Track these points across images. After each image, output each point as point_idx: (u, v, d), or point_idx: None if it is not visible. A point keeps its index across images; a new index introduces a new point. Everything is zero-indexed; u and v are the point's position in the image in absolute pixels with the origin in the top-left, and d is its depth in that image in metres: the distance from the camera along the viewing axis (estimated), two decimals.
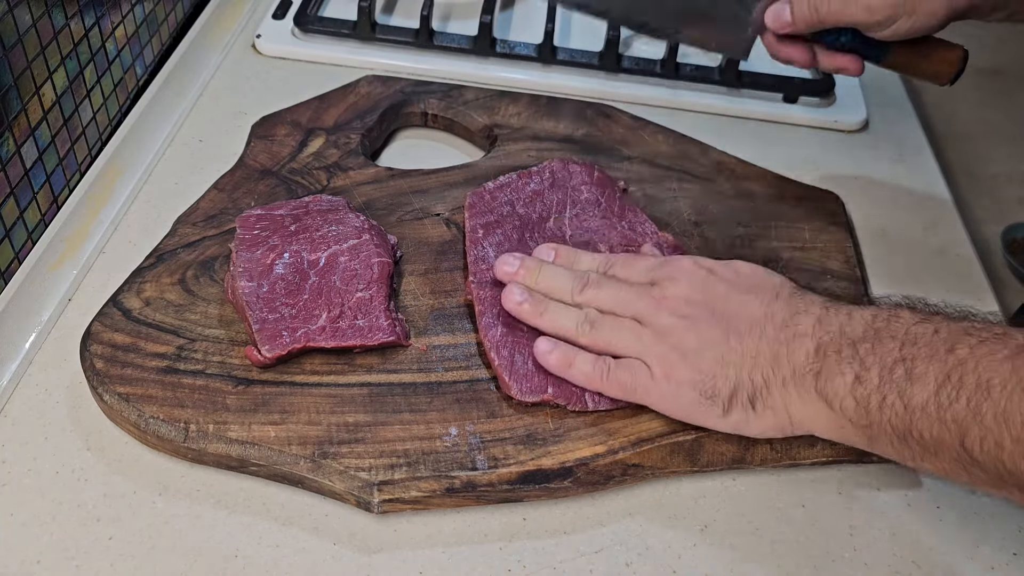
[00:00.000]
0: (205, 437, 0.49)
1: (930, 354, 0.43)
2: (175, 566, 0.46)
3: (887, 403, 0.44)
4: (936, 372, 0.42)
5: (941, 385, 0.42)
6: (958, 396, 0.41)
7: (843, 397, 0.45)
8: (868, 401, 0.44)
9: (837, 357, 0.46)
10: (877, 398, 0.44)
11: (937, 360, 0.43)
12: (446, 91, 0.74)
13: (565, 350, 0.51)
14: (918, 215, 0.71)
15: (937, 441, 0.42)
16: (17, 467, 0.50)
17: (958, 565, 0.49)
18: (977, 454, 0.41)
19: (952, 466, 0.43)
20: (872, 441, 0.46)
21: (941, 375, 0.42)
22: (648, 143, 0.71)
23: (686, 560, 0.48)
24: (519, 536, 0.49)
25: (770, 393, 0.48)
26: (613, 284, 0.53)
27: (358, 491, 0.47)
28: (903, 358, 0.44)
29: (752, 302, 0.50)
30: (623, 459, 0.50)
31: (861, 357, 0.45)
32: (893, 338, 0.45)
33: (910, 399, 0.43)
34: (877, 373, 0.44)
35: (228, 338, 0.53)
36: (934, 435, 0.42)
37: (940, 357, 0.43)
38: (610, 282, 0.53)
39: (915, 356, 0.43)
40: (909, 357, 0.43)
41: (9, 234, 0.57)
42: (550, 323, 0.52)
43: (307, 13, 0.83)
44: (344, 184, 0.65)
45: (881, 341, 0.45)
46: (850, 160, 0.76)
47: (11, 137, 0.56)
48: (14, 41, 0.55)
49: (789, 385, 0.47)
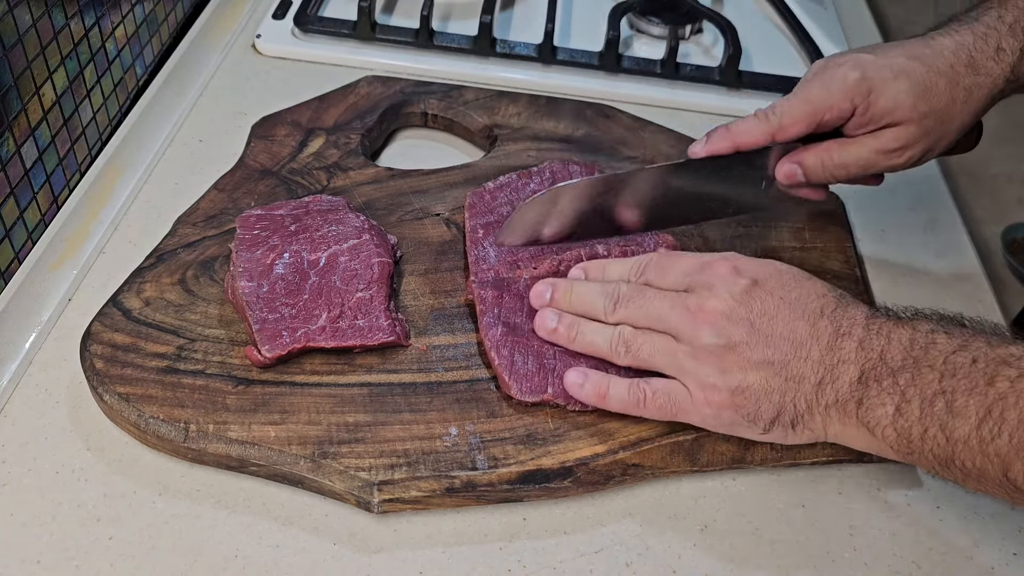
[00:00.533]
0: (205, 437, 0.49)
1: (970, 387, 0.43)
2: (175, 566, 0.46)
3: (928, 435, 0.44)
4: (977, 406, 0.42)
5: (983, 420, 0.42)
6: (1000, 432, 0.41)
7: (884, 427, 0.45)
8: (910, 432, 0.44)
9: (878, 387, 0.45)
10: (919, 429, 0.44)
11: (977, 394, 0.42)
12: (446, 91, 0.74)
13: (597, 380, 0.50)
14: (918, 215, 0.71)
15: (980, 471, 0.43)
16: (17, 467, 0.50)
17: (958, 565, 0.49)
18: (1021, 483, 0.41)
19: (996, 491, 0.43)
20: (914, 463, 0.46)
21: (982, 409, 0.42)
22: (648, 143, 0.71)
23: (686, 560, 0.48)
24: (519, 536, 0.48)
25: (812, 417, 0.47)
26: (646, 297, 0.51)
27: (358, 491, 0.47)
28: (943, 391, 0.43)
29: (797, 323, 0.48)
30: (623, 459, 0.50)
31: (902, 388, 0.45)
32: (932, 368, 0.44)
33: (952, 432, 0.43)
34: (918, 405, 0.44)
35: (228, 338, 0.53)
36: (977, 465, 0.43)
37: (980, 390, 0.42)
38: (642, 294, 0.51)
39: (955, 389, 0.43)
40: (949, 390, 0.43)
41: (9, 234, 0.57)
42: (584, 346, 0.52)
43: (307, 13, 0.83)
44: (344, 184, 0.65)
45: (920, 371, 0.45)
46: None
47: (11, 137, 0.56)
48: (14, 41, 0.55)
49: (831, 410, 0.47)
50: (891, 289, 0.63)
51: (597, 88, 0.80)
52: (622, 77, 0.81)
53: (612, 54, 0.80)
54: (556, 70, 0.81)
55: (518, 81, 0.80)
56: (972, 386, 0.43)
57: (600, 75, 0.81)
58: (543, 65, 0.81)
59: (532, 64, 0.81)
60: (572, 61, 0.81)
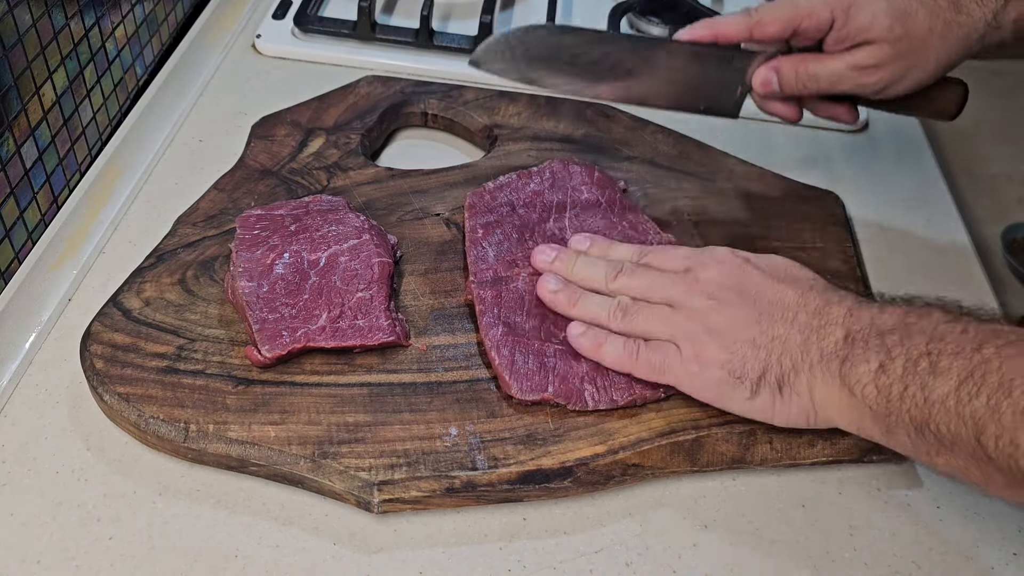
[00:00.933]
0: (205, 437, 0.49)
1: (956, 350, 0.43)
2: (175, 566, 0.46)
3: (908, 393, 0.44)
4: (960, 368, 0.43)
5: (963, 381, 0.42)
6: (979, 393, 0.41)
7: (865, 384, 0.46)
8: (890, 390, 0.45)
9: (864, 346, 0.46)
10: (899, 388, 0.44)
11: (963, 357, 0.43)
12: (446, 91, 0.74)
13: (596, 333, 0.52)
14: (918, 215, 0.71)
15: (954, 436, 0.42)
16: (17, 467, 0.50)
17: (958, 565, 0.49)
18: (992, 451, 0.41)
19: (966, 463, 0.43)
20: (889, 433, 0.46)
21: (964, 371, 0.42)
22: (648, 143, 0.71)
23: (686, 560, 0.48)
24: (519, 536, 0.49)
25: (797, 377, 0.48)
26: (647, 272, 0.54)
27: (358, 491, 0.47)
28: (929, 352, 0.44)
29: (786, 291, 0.50)
30: (623, 459, 0.50)
31: (888, 347, 0.45)
32: (922, 333, 0.45)
33: (931, 391, 0.43)
34: (902, 364, 0.45)
35: (228, 338, 0.53)
36: (951, 429, 0.42)
37: (966, 354, 0.43)
38: (644, 270, 0.54)
39: (941, 351, 0.44)
40: (935, 351, 0.44)
41: (9, 234, 0.57)
42: (583, 311, 0.53)
43: (307, 13, 0.83)
44: (344, 184, 0.65)
45: (910, 335, 0.45)
46: (850, 160, 0.76)
47: (11, 137, 0.56)
48: (14, 41, 0.55)
49: (816, 369, 0.47)
50: (891, 289, 0.63)
51: None
52: None
53: None
54: None
55: None
56: (958, 350, 0.43)
57: None
58: None
59: None
60: None
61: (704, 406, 0.51)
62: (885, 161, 0.76)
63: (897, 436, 0.46)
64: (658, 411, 0.51)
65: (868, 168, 0.75)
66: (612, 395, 0.51)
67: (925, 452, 0.45)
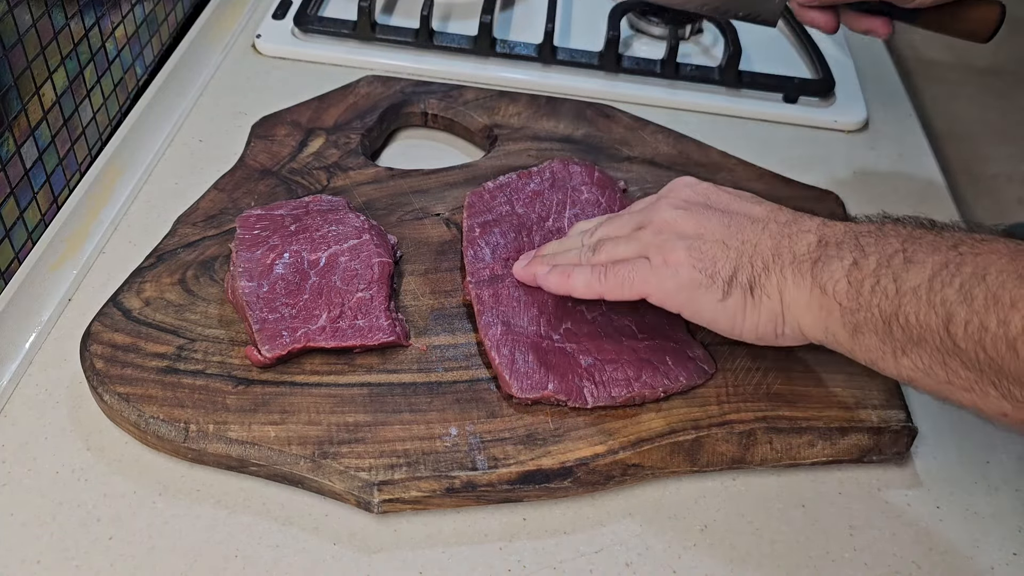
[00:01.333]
0: (205, 437, 0.49)
1: (932, 247, 0.43)
2: (175, 566, 0.46)
3: (880, 286, 0.43)
4: (934, 261, 0.42)
5: (937, 272, 0.42)
6: (951, 281, 0.41)
7: (837, 280, 0.45)
8: (861, 284, 0.44)
9: (837, 247, 0.46)
10: (871, 282, 0.44)
11: (938, 252, 0.43)
12: (446, 91, 0.74)
13: (562, 267, 0.52)
14: (918, 215, 0.71)
15: (922, 326, 0.42)
16: (17, 467, 0.50)
17: (958, 565, 0.49)
18: (960, 339, 0.40)
19: (931, 358, 0.42)
20: (856, 332, 0.45)
21: (939, 263, 0.42)
22: (648, 143, 0.71)
23: (686, 560, 0.48)
24: (519, 536, 0.49)
25: (768, 278, 0.47)
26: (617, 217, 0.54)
27: (358, 491, 0.47)
28: (903, 249, 0.44)
29: (754, 206, 0.51)
30: (623, 459, 0.50)
31: (862, 246, 0.45)
32: (898, 235, 0.45)
33: (903, 282, 0.43)
34: (875, 260, 0.44)
35: (228, 338, 0.53)
36: (920, 319, 0.42)
37: (941, 250, 0.43)
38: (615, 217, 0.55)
39: (916, 248, 0.43)
40: (910, 249, 0.44)
41: (9, 234, 0.57)
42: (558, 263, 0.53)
43: (307, 13, 0.83)
44: (344, 184, 0.65)
45: (885, 236, 0.45)
46: (850, 160, 0.76)
47: (11, 137, 0.56)
48: (14, 41, 0.55)
49: (787, 270, 0.47)
50: None
51: (597, 88, 0.80)
52: (622, 77, 0.81)
53: (612, 54, 0.80)
54: (556, 70, 0.81)
55: (518, 81, 0.80)
56: (934, 247, 0.43)
57: (600, 75, 0.81)
58: (543, 65, 0.81)
59: (532, 64, 0.81)
60: (572, 61, 0.81)
61: (704, 406, 0.51)
62: (885, 161, 0.76)
63: (864, 336, 0.45)
64: (658, 411, 0.51)
65: (868, 168, 0.75)
66: (611, 391, 0.51)
67: (891, 351, 0.44)
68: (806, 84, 0.80)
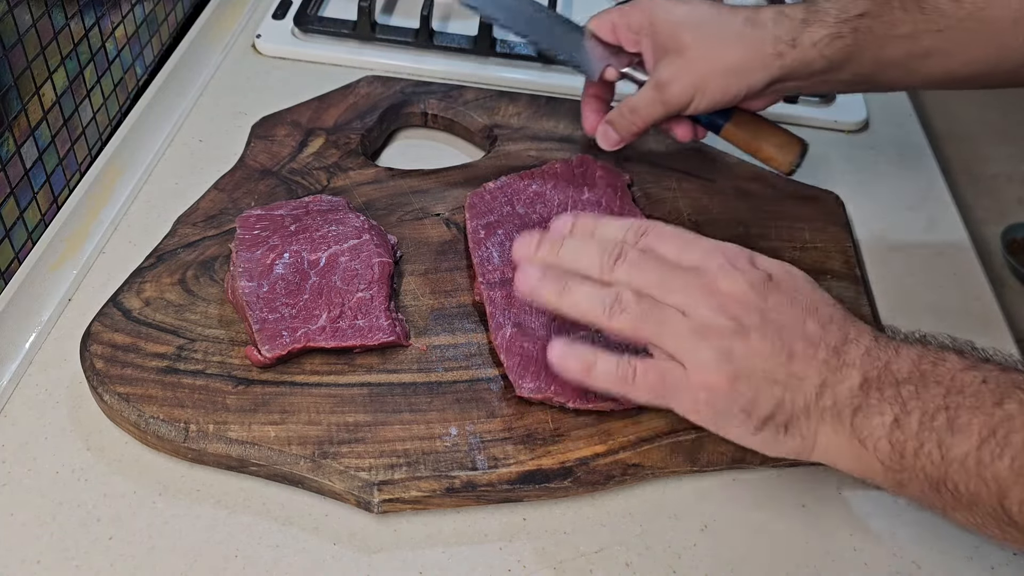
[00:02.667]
0: (205, 437, 0.49)
1: (976, 405, 0.40)
2: (175, 566, 0.46)
3: (924, 451, 0.41)
4: (980, 425, 0.40)
5: (985, 440, 0.40)
6: (1002, 454, 0.39)
7: (878, 439, 0.42)
8: (904, 447, 0.42)
9: (879, 396, 0.43)
10: (914, 444, 0.41)
11: (983, 412, 0.40)
12: (446, 91, 0.74)
13: (582, 353, 0.45)
14: (918, 215, 0.71)
15: (973, 496, 0.40)
16: (17, 467, 0.50)
17: (958, 565, 0.49)
18: (1016, 515, 0.39)
19: (985, 521, 0.41)
20: (900, 486, 0.43)
21: (986, 429, 0.40)
22: (648, 143, 0.71)
23: (686, 560, 0.48)
24: (519, 536, 0.48)
25: (807, 420, 0.44)
26: (653, 262, 0.46)
27: (358, 491, 0.47)
28: (947, 406, 0.41)
29: (808, 321, 0.45)
30: (623, 459, 0.50)
31: (904, 399, 0.42)
32: (939, 383, 0.42)
33: (949, 450, 0.40)
34: (918, 419, 0.42)
35: (228, 338, 0.53)
36: (971, 490, 0.40)
37: (986, 410, 0.40)
38: (649, 259, 0.46)
39: (960, 405, 0.41)
40: (953, 406, 0.41)
41: (9, 234, 0.57)
42: (572, 305, 0.46)
43: (307, 13, 0.83)
44: (344, 184, 0.65)
45: (926, 385, 0.42)
46: (850, 160, 0.76)
47: (11, 137, 0.56)
48: (14, 41, 0.55)
49: (827, 415, 0.44)
50: (891, 289, 0.63)
51: None
52: None
53: None
54: (556, 70, 0.81)
55: (518, 81, 0.80)
56: (978, 404, 0.40)
57: None
58: (543, 65, 0.81)
59: (532, 64, 0.81)
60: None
61: None
62: (885, 161, 0.76)
63: (909, 490, 0.43)
64: (658, 411, 0.51)
65: (868, 168, 0.75)
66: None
67: (940, 507, 0.43)
68: None
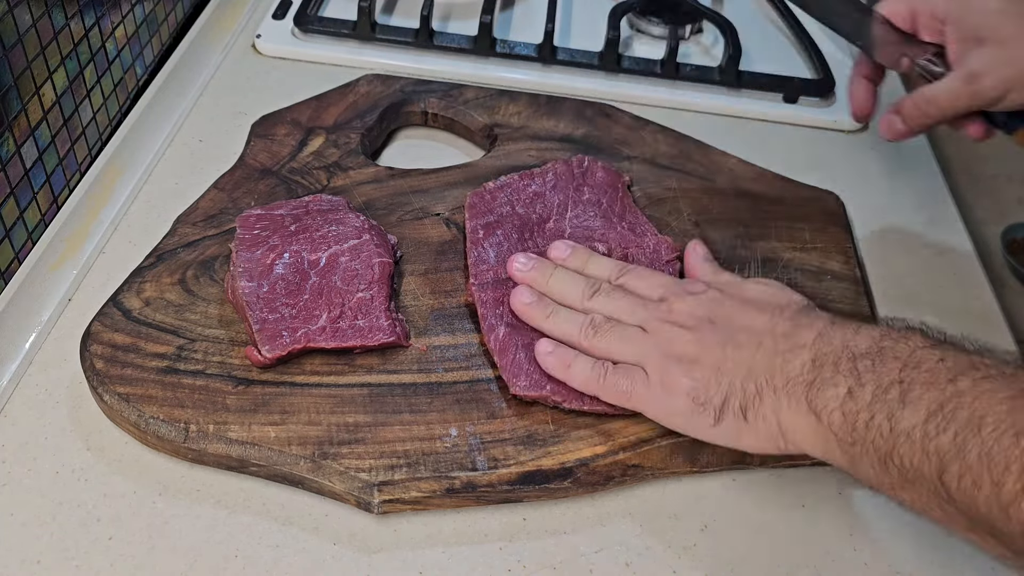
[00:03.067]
0: (205, 437, 0.49)
1: (929, 380, 0.41)
2: (175, 566, 0.46)
3: (874, 423, 0.42)
4: (931, 399, 0.41)
5: (932, 414, 0.40)
6: (946, 428, 0.40)
7: (832, 410, 0.44)
8: (856, 417, 0.43)
9: (833, 369, 0.44)
10: (865, 416, 0.42)
11: (935, 388, 0.41)
12: (446, 90, 0.74)
13: (563, 352, 0.51)
14: (918, 215, 0.71)
15: (916, 471, 0.40)
16: (17, 467, 0.50)
17: (958, 565, 0.49)
18: (954, 491, 0.39)
19: (928, 500, 0.41)
20: (853, 463, 0.44)
21: (935, 403, 0.40)
22: (648, 143, 0.71)
23: (686, 560, 0.48)
24: (519, 536, 0.49)
25: (762, 402, 0.46)
26: (623, 295, 0.53)
27: (358, 491, 0.47)
28: (901, 380, 0.42)
29: (756, 316, 0.49)
30: (623, 460, 0.50)
31: (859, 372, 0.44)
32: (896, 359, 0.43)
33: (898, 422, 0.41)
34: (871, 391, 0.43)
35: (228, 338, 0.53)
36: (914, 464, 0.40)
37: (939, 386, 0.41)
38: (620, 293, 0.53)
39: (913, 380, 0.42)
40: (907, 380, 0.42)
41: (9, 234, 0.57)
42: (554, 326, 0.53)
43: (307, 13, 0.83)
44: (344, 184, 0.65)
45: (884, 360, 0.43)
46: (850, 160, 0.75)
47: (11, 137, 0.56)
48: (14, 41, 0.55)
49: (780, 393, 0.46)
50: (891, 289, 0.63)
51: (597, 88, 0.80)
52: (622, 77, 0.81)
53: (612, 54, 0.80)
54: (556, 70, 0.81)
55: (518, 81, 0.80)
56: (932, 380, 0.41)
57: (600, 75, 0.81)
58: (543, 65, 0.81)
59: (532, 64, 0.81)
60: (572, 61, 0.81)
61: None
62: (885, 161, 0.76)
63: (861, 467, 0.44)
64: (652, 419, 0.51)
65: (868, 168, 0.75)
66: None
67: (889, 486, 0.43)
68: (806, 84, 0.80)
